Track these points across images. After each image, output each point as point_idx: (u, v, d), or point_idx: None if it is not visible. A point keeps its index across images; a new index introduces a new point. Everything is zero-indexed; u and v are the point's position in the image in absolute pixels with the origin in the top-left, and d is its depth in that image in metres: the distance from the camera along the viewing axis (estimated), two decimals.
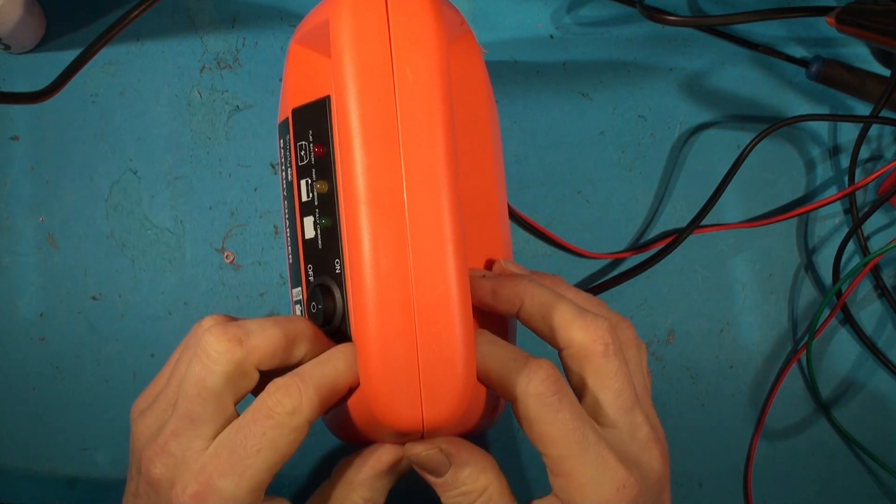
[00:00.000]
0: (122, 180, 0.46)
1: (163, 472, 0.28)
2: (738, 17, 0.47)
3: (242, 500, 0.27)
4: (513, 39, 0.49)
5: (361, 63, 0.27)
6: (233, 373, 0.29)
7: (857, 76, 0.48)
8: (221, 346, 0.28)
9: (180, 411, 0.29)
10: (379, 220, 0.26)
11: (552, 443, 0.29)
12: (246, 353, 0.29)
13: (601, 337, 0.30)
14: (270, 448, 0.27)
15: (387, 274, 0.26)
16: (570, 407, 0.29)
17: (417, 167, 0.26)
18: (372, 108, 0.26)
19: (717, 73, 0.50)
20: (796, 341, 0.49)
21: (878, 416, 0.49)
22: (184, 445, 0.28)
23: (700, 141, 0.50)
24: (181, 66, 0.47)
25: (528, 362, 0.29)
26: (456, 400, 0.26)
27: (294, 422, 0.28)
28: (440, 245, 0.26)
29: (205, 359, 0.28)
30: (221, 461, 0.27)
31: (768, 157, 0.50)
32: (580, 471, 0.28)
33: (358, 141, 0.26)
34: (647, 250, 0.48)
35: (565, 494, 0.29)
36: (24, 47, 0.46)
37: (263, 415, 0.28)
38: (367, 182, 0.26)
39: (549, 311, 0.30)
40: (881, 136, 0.51)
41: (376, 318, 0.26)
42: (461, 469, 0.29)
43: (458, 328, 0.26)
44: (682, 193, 0.49)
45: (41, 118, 0.46)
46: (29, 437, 0.43)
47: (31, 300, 0.45)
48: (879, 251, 0.46)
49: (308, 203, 0.34)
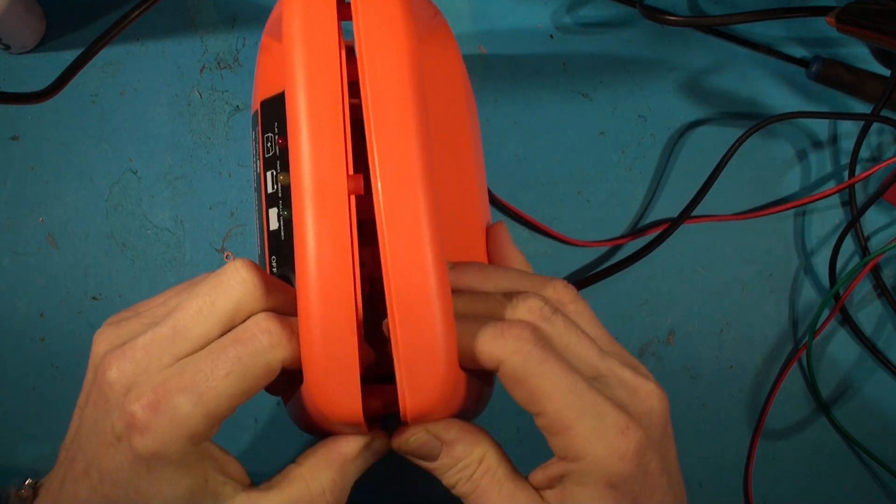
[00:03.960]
0: (122, 180, 0.46)
1: (118, 377, 0.27)
2: (738, 17, 0.47)
3: (196, 425, 0.26)
4: (513, 39, 0.49)
5: (307, 54, 0.26)
6: (246, 305, 0.27)
7: (857, 76, 0.48)
8: (249, 276, 0.27)
9: (168, 323, 0.27)
10: (320, 211, 0.26)
11: (546, 397, 0.27)
12: (266, 293, 0.28)
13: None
14: (239, 375, 0.26)
15: (328, 266, 0.25)
16: (556, 356, 0.28)
17: (390, 157, 0.26)
18: (315, 99, 0.26)
19: (717, 73, 0.50)
20: (796, 341, 0.49)
21: (878, 416, 0.49)
22: (151, 356, 0.27)
23: (700, 141, 0.50)
24: (181, 66, 0.47)
25: (502, 325, 0.28)
26: (439, 387, 0.26)
27: (271, 356, 0.26)
28: (416, 233, 0.26)
29: (227, 279, 0.27)
30: (185, 377, 0.26)
31: (768, 157, 0.50)
32: (580, 421, 0.27)
33: (301, 133, 0.26)
34: (642, 236, 0.48)
35: (568, 451, 0.28)
36: (24, 47, 0.46)
37: (244, 339, 0.26)
38: (310, 173, 0.26)
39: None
40: (881, 135, 0.51)
41: (317, 311, 0.25)
42: (453, 446, 0.29)
43: (437, 315, 0.26)
44: (682, 193, 0.49)
45: (41, 118, 0.46)
46: (29, 436, 0.43)
47: (31, 300, 0.45)
48: (879, 251, 0.46)
49: (273, 195, 0.34)
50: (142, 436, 0.25)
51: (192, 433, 0.26)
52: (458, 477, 0.29)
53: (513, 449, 0.31)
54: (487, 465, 0.29)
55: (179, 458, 0.26)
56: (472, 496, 0.29)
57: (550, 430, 0.28)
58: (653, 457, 0.29)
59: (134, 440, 0.26)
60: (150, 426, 0.25)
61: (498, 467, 0.29)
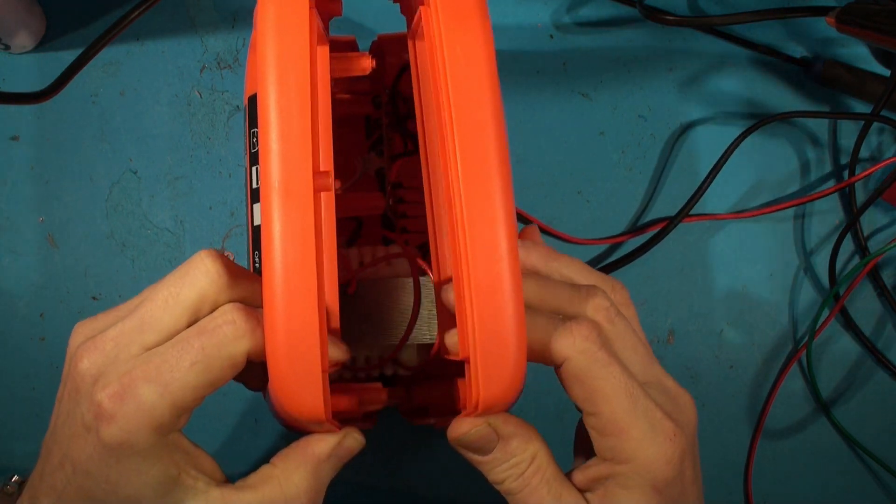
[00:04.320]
0: (122, 180, 0.46)
1: (88, 368, 0.27)
2: (738, 17, 0.47)
3: (161, 414, 0.26)
4: (513, 39, 0.49)
5: (275, 51, 0.26)
6: (209, 295, 0.28)
7: (857, 76, 0.48)
8: (212, 266, 0.28)
9: (136, 314, 0.28)
10: (283, 209, 0.25)
11: (605, 399, 0.28)
12: (232, 283, 0.28)
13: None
14: (204, 365, 0.26)
15: (290, 262, 0.25)
16: (617, 360, 0.28)
17: (471, 147, 0.26)
18: (282, 97, 0.26)
19: (717, 73, 0.50)
20: (796, 341, 0.49)
21: (878, 416, 0.49)
22: (121, 346, 0.27)
23: (700, 141, 0.50)
24: (181, 66, 0.47)
25: (568, 322, 0.28)
26: (510, 379, 0.26)
27: (236, 347, 0.26)
28: (493, 226, 0.26)
29: (192, 270, 0.28)
30: (150, 367, 0.26)
31: (768, 157, 0.50)
32: (634, 426, 0.28)
33: (266, 131, 0.26)
34: (641, 234, 0.48)
35: (617, 453, 0.28)
36: (24, 47, 0.46)
37: (209, 329, 0.27)
38: (274, 171, 0.26)
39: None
40: (882, 135, 0.51)
41: (279, 307, 0.25)
42: (509, 441, 0.29)
43: (512, 308, 0.26)
44: (681, 194, 0.49)
45: (41, 118, 0.46)
46: (28, 436, 0.43)
47: (31, 300, 0.45)
48: (879, 251, 0.46)
49: (257, 190, 0.34)
50: (108, 425, 0.26)
51: (157, 423, 0.26)
52: (509, 473, 0.29)
53: None
54: (539, 464, 0.29)
55: (147, 448, 0.26)
56: (521, 494, 0.29)
57: (602, 431, 0.29)
58: (689, 465, 0.30)
59: (101, 430, 0.26)
60: (115, 416, 0.26)
61: (548, 467, 0.30)
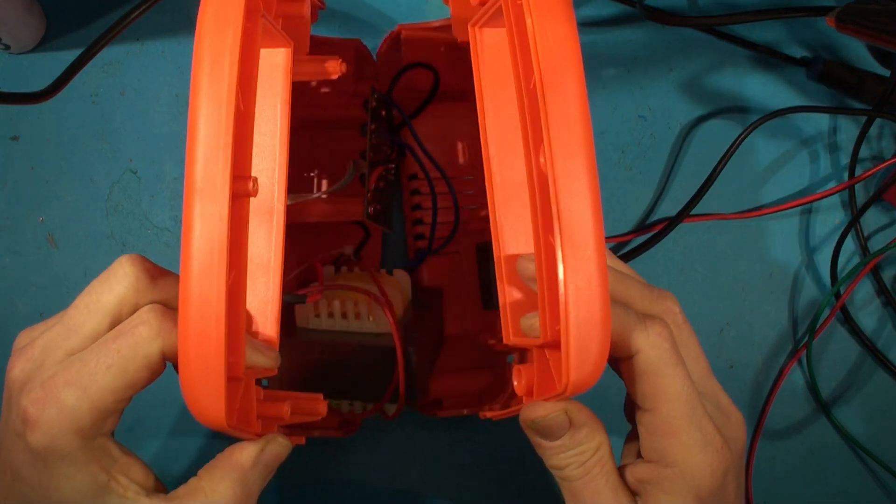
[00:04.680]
0: (122, 180, 0.46)
1: (18, 375, 0.28)
2: (738, 17, 0.47)
3: (81, 418, 0.26)
4: None
5: (201, 55, 0.27)
6: (128, 299, 0.28)
7: (857, 76, 0.48)
8: (132, 269, 0.28)
9: (63, 320, 0.28)
10: (200, 213, 0.26)
11: (666, 399, 0.28)
12: (151, 286, 0.28)
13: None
14: (121, 367, 0.27)
15: (201, 268, 0.25)
16: (683, 364, 0.29)
17: (562, 135, 0.26)
18: (206, 102, 0.26)
19: (717, 73, 0.50)
20: (796, 341, 0.49)
21: (878, 416, 0.49)
22: (47, 352, 0.28)
23: (700, 141, 0.50)
24: (181, 66, 0.47)
25: (645, 318, 0.29)
26: (595, 365, 0.26)
27: (150, 347, 0.27)
28: (586, 210, 0.26)
29: (111, 275, 0.28)
30: (71, 372, 0.27)
31: (769, 157, 0.50)
32: (686, 431, 0.28)
33: (190, 136, 0.26)
34: (641, 234, 0.48)
35: (664, 455, 0.29)
36: (24, 47, 0.46)
37: (125, 332, 0.27)
38: (191, 174, 0.26)
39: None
40: (881, 135, 0.51)
41: (189, 310, 0.25)
42: (579, 429, 0.29)
43: (602, 295, 0.26)
44: (682, 193, 0.49)
45: (41, 118, 0.46)
46: None
47: (31, 300, 0.45)
48: (879, 251, 0.46)
49: None
50: (33, 431, 0.26)
51: (78, 426, 0.26)
52: (573, 461, 0.29)
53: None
54: (601, 456, 0.30)
55: (71, 453, 0.27)
56: (580, 482, 0.30)
57: (654, 431, 0.29)
58: (732, 481, 0.30)
59: (28, 436, 0.26)
60: (39, 421, 0.26)
61: (609, 460, 0.30)
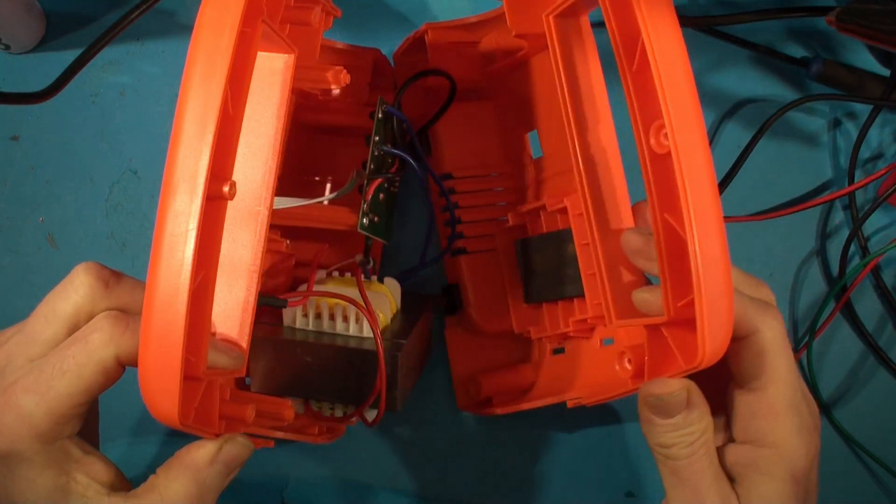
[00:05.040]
0: (122, 180, 0.46)
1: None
2: (738, 17, 0.47)
3: (40, 423, 0.27)
4: None
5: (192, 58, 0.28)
6: (85, 306, 0.29)
7: (857, 76, 0.48)
8: (87, 278, 0.29)
9: (24, 329, 0.30)
10: (176, 210, 0.26)
11: (776, 381, 0.29)
12: (106, 293, 0.29)
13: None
14: (76, 373, 0.27)
15: (165, 266, 0.26)
16: (791, 351, 0.30)
17: (683, 122, 0.27)
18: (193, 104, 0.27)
19: (717, 73, 0.50)
20: (797, 341, 0.49)
21: (878, 416, 0.49)
22: (10, 359, 0.29)
23: None
24: (181, 67, 0.46)
25: (764, 304, 0.30)
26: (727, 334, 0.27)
27: (104, 353, 0.28)
28: (711, 193, 0.27)
29: (67, 284, 0.29)
30: (29, 379, 0.28)
31: (769, 156, 0.50)
32: (788, 414, 0.30)
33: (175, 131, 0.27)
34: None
35: (763, 435, 0.30)
36: (24, 47, 0.46)
37: (80, 338, 0.28)
38: (167, 174, 0.27)
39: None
40: (882, 135, 0.51)
41: (149, 309, 0.26)
42: (693, 410, 0.30)
43: (726, 272, 0.27)
44: None
45: (41, 118, 0.46)
46: None
47: (31, 300, 0.45)
48: (879, 251, 0.46)
49: None
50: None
51: (37, 431, 0.27)
52: (681, 440, 0.30)
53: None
54: (707, 438, 0.30)
55: (31, 457, 0.27)
56: (685, 461, 0.30)
57: (757, 411, 0.30)
58: (816, 467, 0.31)
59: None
60: (0, 426, 0.27)
61: (712, 443, 0.31)
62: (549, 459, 0.47)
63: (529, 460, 0.47)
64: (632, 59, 0.29)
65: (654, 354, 0.31)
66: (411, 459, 0.47)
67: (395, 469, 0.47)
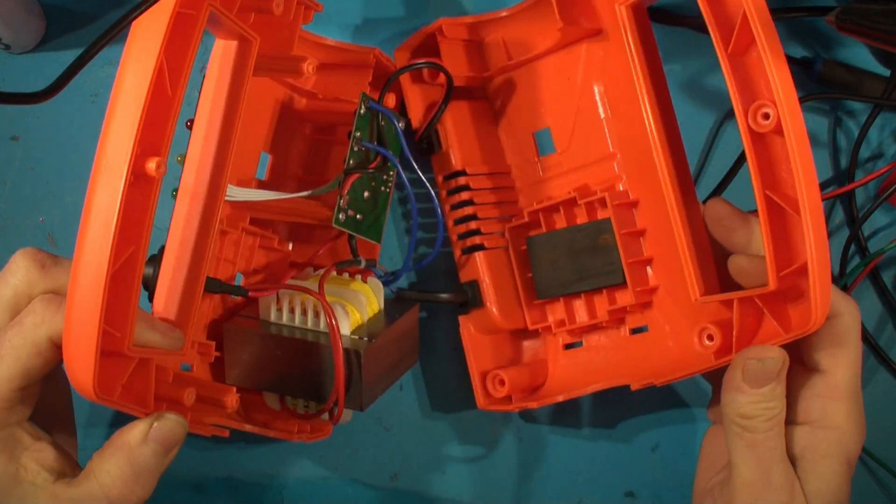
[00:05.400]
0: None
1: None
2: None
3: None
4: None
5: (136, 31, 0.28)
6: (22, 291, 0.29)
7: (857, 76, 0.48)
8: (23, 262, 0.29)
9: None
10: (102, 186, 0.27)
11: (847, 364, 0.31)
12: (42, 275, 0.30)
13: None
14: (12, 357, 0.28)
15: (88, 244, 0.26)
16: (861, 340, 0.32)
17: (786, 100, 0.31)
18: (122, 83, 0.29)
19: (717, 73, 0.50)
20: None
21: (878, 416, 0.49)
22: None
23: (699, 141, 0.49)
24: None
25: (843, 296, 0.32)
26: (827, 304, 0.29)
27: (36, 334, 0.28)
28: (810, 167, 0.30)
29: (6, 270, 0.30)
30: None
31: None
32: (852, 399, 0.31)
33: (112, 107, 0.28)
34: None
35: (826, 416, 0.31)
36: (24, 47, 0.46)
37: (16, 322, 0.28)
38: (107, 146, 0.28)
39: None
40: (882, 136, 0.51)
41: (77, 282, 0.26)
42: (780, 383, 0.31)
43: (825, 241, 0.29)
44: None
45: (41, 118, 0.46)
46: None
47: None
48: (879, 251, 0.46)
49: None
50: None
51: None
52: (763, 413, 0.31)
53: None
54: (783, 416, 0.31)
55: None
56: (763, 435, 0.31)
57: (822, 392, 0.31)
58: (858, 456, 0.33)
59: None
60: None
61: (783, 420, 0.32)
62: (549, 459, 0.47)
63: (529, 460, 0.47)
64: (727, 41, 0.31)
65: (744, 327, 0.32)
66: (411, 459, 0.47)
67: (396, 469, 0.47)
